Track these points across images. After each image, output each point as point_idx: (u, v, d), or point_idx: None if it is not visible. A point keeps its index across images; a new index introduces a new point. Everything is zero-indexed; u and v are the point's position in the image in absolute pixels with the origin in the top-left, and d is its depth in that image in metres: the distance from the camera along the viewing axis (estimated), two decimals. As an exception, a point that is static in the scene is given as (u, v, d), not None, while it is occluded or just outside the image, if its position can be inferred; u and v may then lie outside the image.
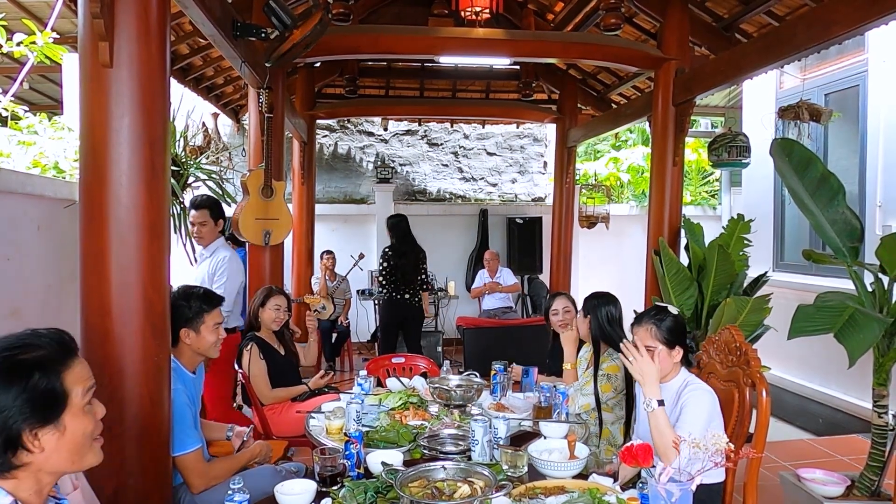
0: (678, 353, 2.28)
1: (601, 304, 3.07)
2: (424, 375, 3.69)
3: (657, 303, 2.59)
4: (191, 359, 2.53)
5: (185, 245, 3.93)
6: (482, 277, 7.40)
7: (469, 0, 4.18)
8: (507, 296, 7.34)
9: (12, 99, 4.04)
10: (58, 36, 3.90)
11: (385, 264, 5.64)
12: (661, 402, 2.11)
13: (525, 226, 8.40)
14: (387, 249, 5.70)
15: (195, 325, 2.48)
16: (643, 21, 5.35)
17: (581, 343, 3.52)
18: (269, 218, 4.14)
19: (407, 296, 5.64)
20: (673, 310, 2.34)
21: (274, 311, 3.62)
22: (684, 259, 4.54)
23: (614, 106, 7.01)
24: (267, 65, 3.81)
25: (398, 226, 5.70)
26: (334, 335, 6.88)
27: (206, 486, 2.37)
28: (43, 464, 1.24)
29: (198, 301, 2.50)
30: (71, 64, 4.54)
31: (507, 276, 7.43)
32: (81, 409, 1.29)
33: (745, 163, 4.94)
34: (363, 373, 3.32)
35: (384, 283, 5.65)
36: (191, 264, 4.37)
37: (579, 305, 3.71)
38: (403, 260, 5.61)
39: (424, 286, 5.73)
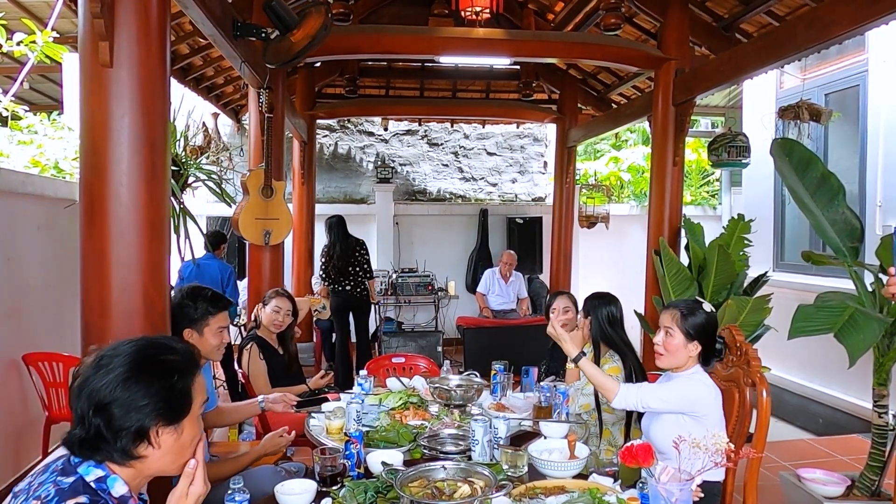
0: (695, 348, 2.26)
1: (601, 304, 3.06)
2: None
3: (695, 298, 2.57)
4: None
5: (179, 246, 3.91)
6: (491, 279, 7.20)
7: (469, 0, 4.18)
8: (512, 298, 7.31)
9: (12, 99, 4.05)
10: (58, 35, 3.90)
11: (322, 260, 6.10)
12: (580, 356, 2.48)
13: (525, 226, 8.40)
14: (324, 247, 6.11)
15: (199, 326, 2.46)
16: (643, 21, 5.35)
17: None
18: (269, 218, 4.14)
19: (348, 287, 6.01)
20: (707, 307, 2.31)
21: (273, 312, 3.61)
22: (684, 259, 4.54)
23: (614, 106, 7.01)
24: (268, 65, 3.81)
25: (333, 225, 6.08)
26: (334, 335, 6.87)
27: None
28: (154, 462, 1.30)
29: (204, 303, 2.48)
30: (71, 64, 4.55)
31: (521, 287, 7.31)
32: (197, 416, 1.36)
33: (745, 163, 4.95)
34: (363, 372, 3.32)
35: (324, 276, 6.11)
36: (181, 261, 4.35)
37: (581, 305, 3.71)
38: (336, 253, 5.98)
39: (367, 275, 6.10)
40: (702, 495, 1.86)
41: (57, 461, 1.27)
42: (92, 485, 1.23)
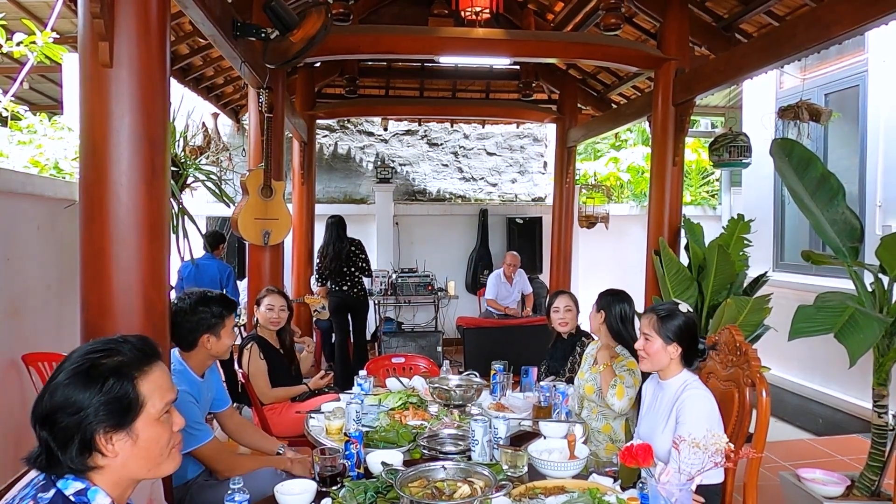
0: (675, 350, 2.28)
1: (615, 301, 3.07)
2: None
3: (672, 300, 2.59)
4: (201, 362, 2.53)
5: (178, 246, 3.91)
6: (497, 283, 7.13)
7: (469, 0, 4.17)
8: (516, 297, 7.29)
9: (12, 99, 4.05)
10: (58, 36, 3.90)
11: (318, 261, 6.13)
12: None
13: (525, 226, 8.40)
14: (319, 248, 6.13)
15: (216, 330, 2.48)
16: (643, 21, 5.35)
17: (581, 339, 3.51)
18: (269, 218, 4.14)
19: (345, 287, 5.99)
20: (683, 307, 2.35)
21: (267, 310, 3.62)
22: (684, 259, 4.53)
23: (614, 106, 7.00)
24: (268, 65, 3.81)
25: (330, 226, 6.08)
26: (334, 335, 6.87)
27: (229, 474, 2.33)
28: (119, 469, 1.26)
29: (218, 306, 2.50)
30: (71, 64, 4.55)
31: (525, 283, 7.27)
32: (156, 418, 1.30)
33: (745, 163, 4.94)
34: (363, 373, 3.32)
35: (318, 277, 6.13)
36: (180, 261, 4.34)
37: (581, 305, 3.71)
38: (329, 255, 5.98)
39: (365, 274, 6.09)
40: (703, 500, 1.86)
41: (39, 475, 1.24)
42: (71, 498, 1.21)
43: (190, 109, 5.19)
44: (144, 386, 1.28)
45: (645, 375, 2.86)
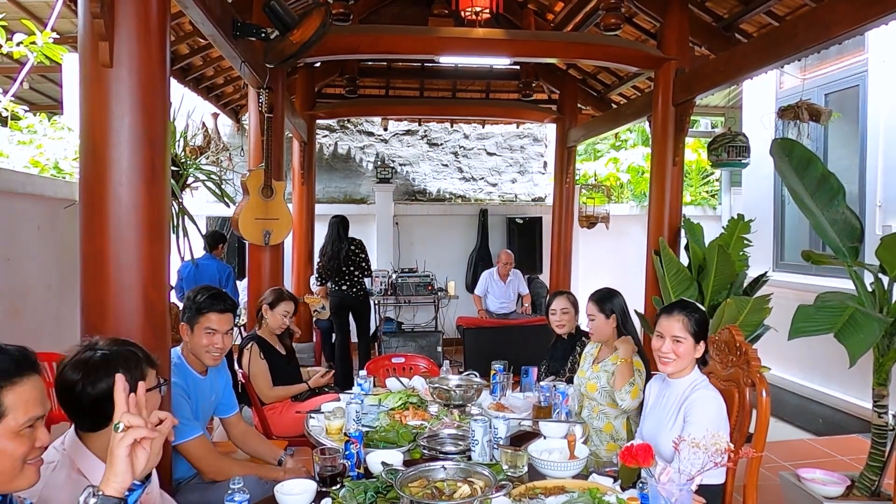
0: (701, 348, 2.29)
1: (614, 298, 3.08)
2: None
3: (683, 298, 2.58)
4: (195, 359, 2.54)
5: (179, 246, 3.91)
6: (489, 281, 7.13)
7: (469, 0, 4.18)
8: (512, 297, 7.29)
9: (12, 99, 4.04)
10: (58, 36, 3.90)
11: (318, 260, 6.12)
12: None
13: (525, 226, 8.40)
14: (321, 247, 6.12)
15: (191, 323, 2.49)
16: (643, 21, 5.35)
17: (581, 339, 3.51)
18: (269, 218, 4.14)
19: (344, 287, 5.97)
20: (700, 306, 2.36)
21: (282, 316, 3.60)
22: (684, 259, 4.54)
23: (614, 106, 7.01)
24: (267, 65, 3.81)
25: (332, 225, 6.05)
26: (334, 335, 6.86)
27: (214, 476, 2.35)
28: None
29: (199, 300, 2.50)
30: (71, 64, 4.54)
31: (520, 283, 7.24)
32: (16, 431, 1.29)
33: (744, 163, 4.94)
34: (363, 373, 3.32)
35: (318, 277, 6.13)
36: (181, 261, 4.33)
37: (581, 305, 3.71)
38: (328, 254, 5.97)
39: (365, 273, 6.06)
40: (703, 501, 1.86)
41: None
42: None
43: (190, 109, 5.19)
44: (9, 397, 1.27)
45: (648, 375, 2.87)
